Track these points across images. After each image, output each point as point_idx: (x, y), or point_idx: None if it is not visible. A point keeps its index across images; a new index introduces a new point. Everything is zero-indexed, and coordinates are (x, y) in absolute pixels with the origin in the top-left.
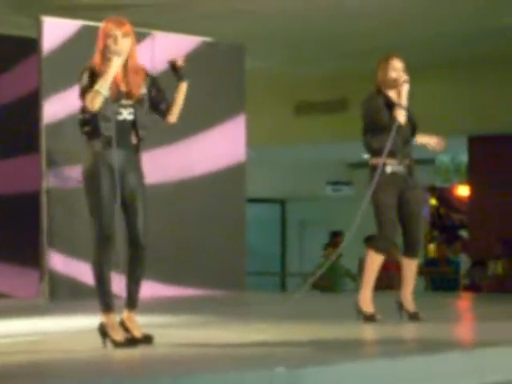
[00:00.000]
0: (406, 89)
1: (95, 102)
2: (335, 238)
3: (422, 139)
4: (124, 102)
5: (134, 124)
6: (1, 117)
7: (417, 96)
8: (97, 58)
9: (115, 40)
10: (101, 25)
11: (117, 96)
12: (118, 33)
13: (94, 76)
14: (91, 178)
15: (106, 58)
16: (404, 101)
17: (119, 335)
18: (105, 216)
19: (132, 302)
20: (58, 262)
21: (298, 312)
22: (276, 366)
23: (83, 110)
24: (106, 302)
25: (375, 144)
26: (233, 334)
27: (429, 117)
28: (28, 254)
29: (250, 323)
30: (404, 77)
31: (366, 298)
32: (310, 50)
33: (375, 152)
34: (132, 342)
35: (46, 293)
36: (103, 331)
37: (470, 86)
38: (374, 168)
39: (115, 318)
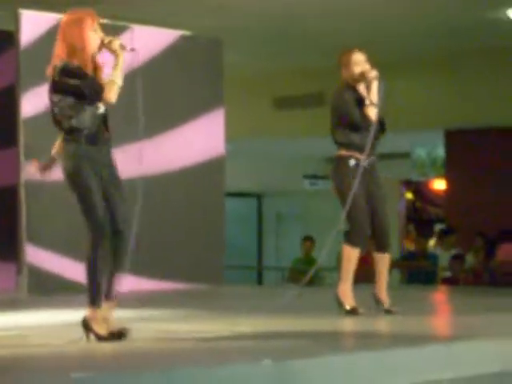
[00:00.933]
0: (375, 85)
1: (114, 94)
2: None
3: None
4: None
5: (104, 117)
6: None
7: (393, 90)
8: (64, 52)
9: (98, 34)
10: (78, 18)
11: None
12: (97, 26)
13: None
14: (79, 177)
15: (74, 49)
16: (375, 98)
17: (103, 329)
18: (99, 212)
19: (108, 294)
20: (36, 255)
21: (280, 305)
22: (262, 358)
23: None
24: (96, 297)
25: (343, 138)
26: (215, 327)
27: (405, 111)
28: (5, 247)
29: (231, 317)
30: (373, 73)
31: (346, 292)
32: (287, 45)
33: (342, 145)
34: (115, 336)
35: (24, 287)
36: (87, 325)
37: (447, 79)
38: (338, 160)
39: (101, 312)
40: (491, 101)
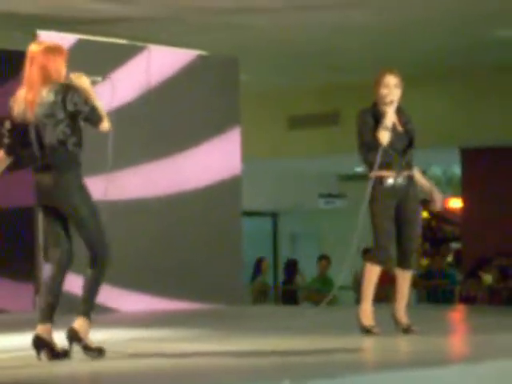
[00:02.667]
0: (391, 110)
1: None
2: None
3: (424, 184)
4: None
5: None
6: None
7: (409, 108)
8: (39, 75)
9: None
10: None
11: None
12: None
13: None
14: (86, 202)
15: (50, 77)
16: (388, 122)
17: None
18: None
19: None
20: None
21: (298, 325)
22: (281, 378)
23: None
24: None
25: (370, 158)
26: (234, 347)
27: (421, 129)
28: (22, 267)
29: (250, 336)
30: (390, 97)
31: (366, 311)
32: (302, 64)
33: (371, 165)
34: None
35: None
36: (77, 337)
37: (463, 97)
38: (372, 181)
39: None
40: (508, 119)
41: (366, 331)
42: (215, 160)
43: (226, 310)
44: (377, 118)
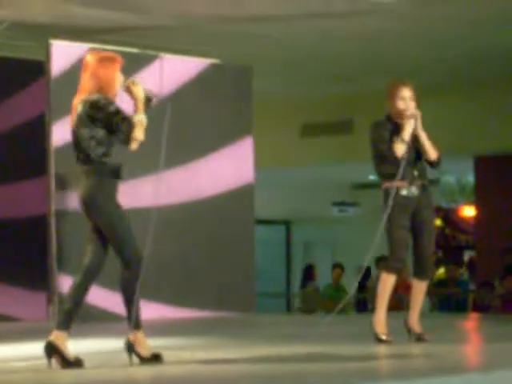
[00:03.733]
0: (411, 124)
1: (142, 134)
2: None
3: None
4: None
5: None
6: (9, 140)
7: (423, 117)
8: (94, 87)
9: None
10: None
11: None
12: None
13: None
14: (105, 209)
15: (103, 86)
16: (406, 135)
17: (146, 351)
18: (133, 242)
19: (137, 320)
20: (67, 285)
21: (311, 333)
22: None
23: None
24: (138, 321)
25: (384, 169)
26: (247, 355)
27: (434, 137)
28: (35, 276)
29: (263, 345)
30: (411, 111)
31: (380, 319)
32: (315, 72)
33: (385, 176)
34: (156, 358)
35: (54, 316)
36: (131, 348)
37: (476, 106)
38: (386, 192)
39: (142, 335)
40: None
41: (380, 339)
42: (228, 168)
43: (238, 318)
44: (391, 130)
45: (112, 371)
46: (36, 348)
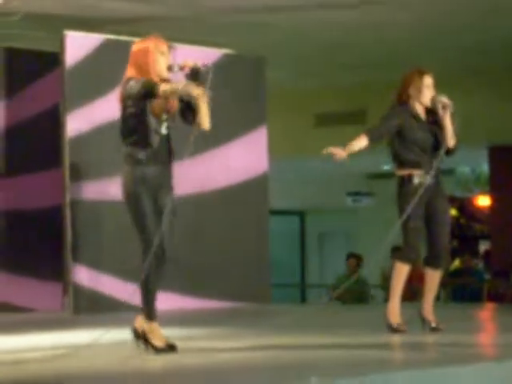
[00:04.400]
0: (448, 114)
1: (207, 121)
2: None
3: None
4: (163, 116)
5: (167, 138)
6: (24, 131)
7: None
8: (135, 74)
9: (166, 57)
10: (135, 46)
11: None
12: (163, 48)
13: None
14: (133, 199)
15: (144, 74)
16: (449, 126)
17: (161, 341)
18: (152, 234)
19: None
20: (82, 275)
21: (326, 323)
22: (310, 376)
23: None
24: (152, 311)
25: (402, 155)
26: (262, 345)
27: None
28: (51, 267)
29: (277, 334)
30: (445, 100)
31: (394, 309)
32: (329, 62)
33: (401, 163)
34: (172, 347)
35: (70, 306)
36: (145, 338)
37: (490, 95)
38: (401, 179)
39: (157, 326)
40: None
41: (394, 329)
42: (242, 159)
43: (253, 309)
44: (411, 115)
45: (124, 361)
46: (51, 338)
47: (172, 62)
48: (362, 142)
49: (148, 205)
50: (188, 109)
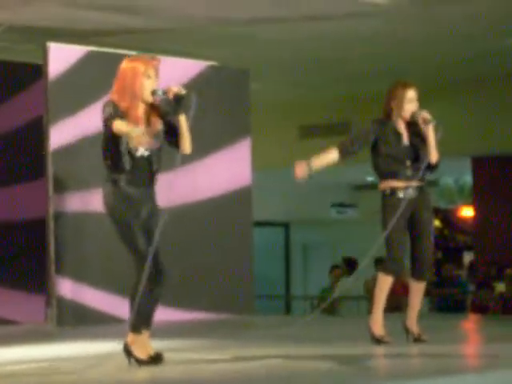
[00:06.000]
0: (431, 129)
1: (188, 146)
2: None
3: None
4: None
5: (149, 160)
6: (7, 143)
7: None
8: (117, 96)
9: (153, 80)
10: (125, 63)
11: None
12: (151, 72)
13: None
14: (117, 215)
15: (128, 96)
16: (433, 141)
17: (143, 354)
18: (141, 247)
19: (150, 322)
20: (65, 287)
21: (310, 335)
22: None
23: (106, 140)
24: (138, 324)
25: (380, 168)
26: (246, 356)
27: None
28: (34, 279)
29: (261, 346)
30: (426, 115)
31: (377, 321)
32: (313, 74)
33: (381, 175)
34: (155, 359)
35: (53, 319)
36: (128, 350)
37: (474, 107)
38: (383, 192)
39: (141, 338)
40: None
41: (377, 341)
42: (226, 170)
43: (238, 320)
44: (388, 130)
45: (111, 372)
46: (35, 351)
47: (156, 87)
48: (331, 156)
49: (133, 222)
50: (171, 132)
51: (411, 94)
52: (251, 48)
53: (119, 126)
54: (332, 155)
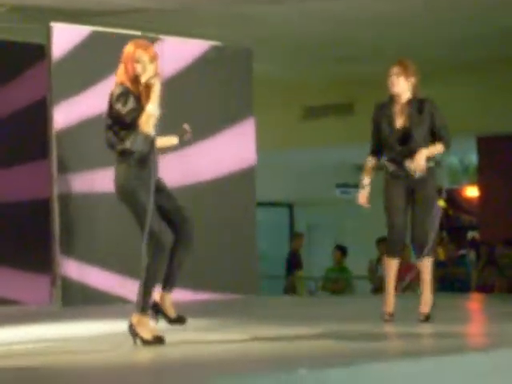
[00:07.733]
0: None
1: (151, 125)
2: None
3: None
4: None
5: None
6: (11, 123)
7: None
8: (126, 80)
9: (144, 66)
10: (127, 48)
11: None
12: (146, 58)
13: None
14: (132, 196)
15: (136, 81)
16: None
17: (148, 334)
18: (155, 226)
19: (172, 284)
20: (70, 267)
21: (315, 314)
22: (298, 367)
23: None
24: (146, 305)
25: (380, 149)
26: (251, 336)
27: None
28: (39, 260)
29: (266, 326)
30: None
31: (387, 299)
32: (316, 54)
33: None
34: (159, 339)
35: (58, 299)
36: (133, 330)
37: (478, 86)
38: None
39: (147, 319)
40: None
41: (386, 319)
42: (229, 151)
43: (242, 300)
44: (382, 114)
45: (113, 353)
46: (40, 331)
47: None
48: (370, 164)
49: (146, 200)
50: None
51: (393, 70)
52: (254, 28)
53: (147, 119)
54: (371, 163)
